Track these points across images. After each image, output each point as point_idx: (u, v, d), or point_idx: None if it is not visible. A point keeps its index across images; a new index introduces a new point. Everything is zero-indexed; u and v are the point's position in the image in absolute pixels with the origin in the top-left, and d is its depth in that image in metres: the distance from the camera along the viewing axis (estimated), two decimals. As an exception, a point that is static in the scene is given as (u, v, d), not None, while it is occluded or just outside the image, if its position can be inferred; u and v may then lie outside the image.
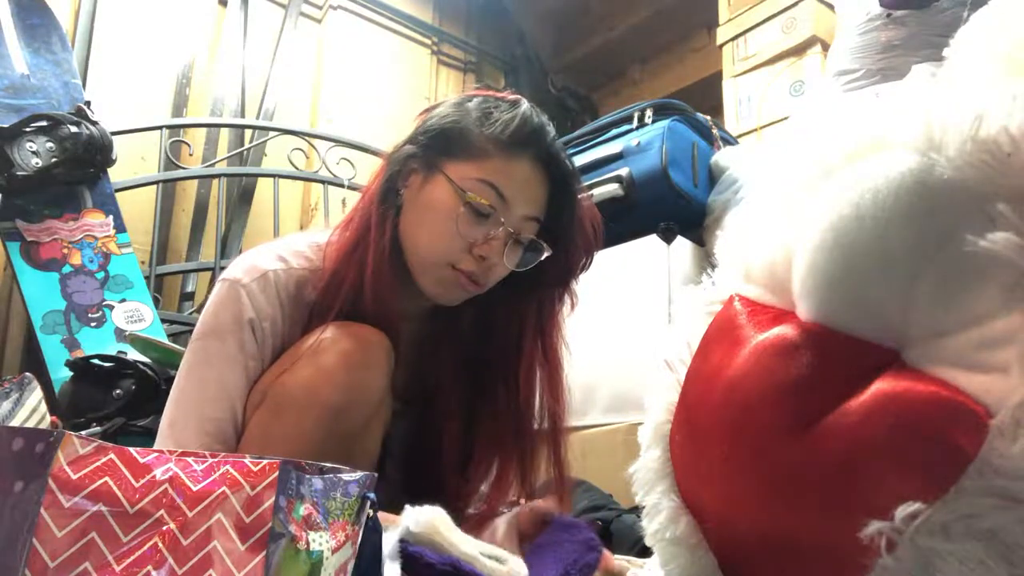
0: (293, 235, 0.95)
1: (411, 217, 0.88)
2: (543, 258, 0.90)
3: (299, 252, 0.89)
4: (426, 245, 0.86)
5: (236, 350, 0.82)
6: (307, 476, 0.54)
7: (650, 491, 0.69)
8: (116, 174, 1.97)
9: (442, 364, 0.95)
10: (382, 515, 0.63)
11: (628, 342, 1.65)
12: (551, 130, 0.90)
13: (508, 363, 0.94)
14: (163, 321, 1.87)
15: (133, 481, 0.49)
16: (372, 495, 0.62)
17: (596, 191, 1.82)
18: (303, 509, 0.52)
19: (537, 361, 0.95)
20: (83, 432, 1.23)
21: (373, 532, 0.62)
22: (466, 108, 0.88)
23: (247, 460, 0.52)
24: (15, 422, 1.21)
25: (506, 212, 0.85)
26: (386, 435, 0.89)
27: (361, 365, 0.80)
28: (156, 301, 2.01)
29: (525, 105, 0.89)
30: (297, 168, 2.44)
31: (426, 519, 0.69)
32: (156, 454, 0.51)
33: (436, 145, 0.88)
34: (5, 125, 1.72)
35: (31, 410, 1.26)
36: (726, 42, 2.36)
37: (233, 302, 0.83)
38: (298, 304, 0.86)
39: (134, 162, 2.26)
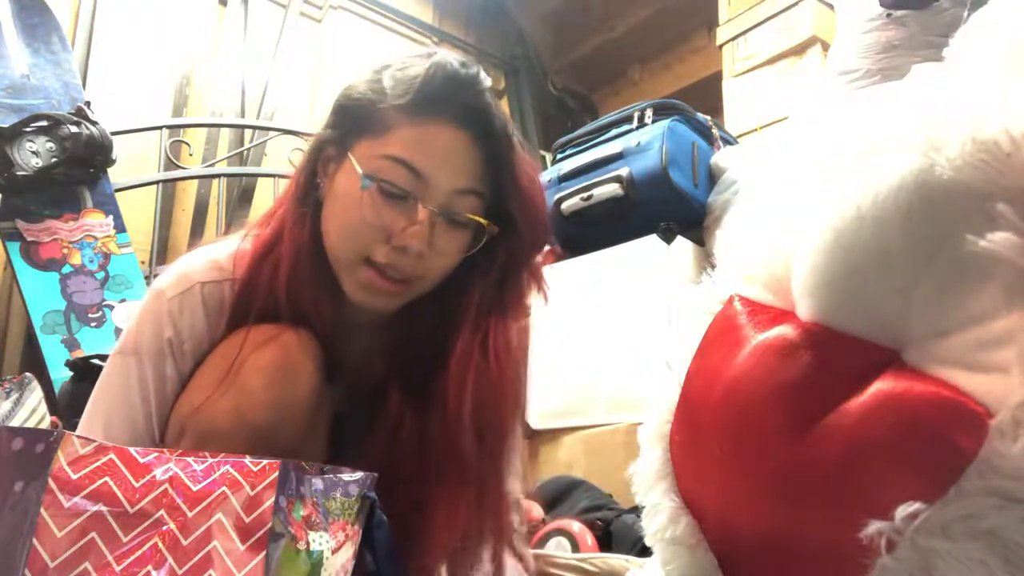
0: (239, 234, 0.82)
1: (326, 211, 0.76)
2: (487, 238, 0.76)
3: (238, 255, 0.79)
4: (337, 242, 0.74)
5: (154, 373, 0.73)
6: (307, 476, 0.54)
7: (650, 491, 0.69)
8: (116, 174, 1.97)
9: (385, 379, 0.81)
10: None
11: (628, 342, 1.65)
12: (474, 80, 0.74)
13: (444, 364, 0.77)
14: (163, 321, 1.87)
15: (133, 481, 0.49)
16: (373, 495, 0.62)
17: (596, 191, 1.82)
18: (303, 509, 0.52)
19: (473, 361, 0.76)
20: (83, 432, 1.23)
21: (380, 527, 0.62)
22: (379, 77, 0.75)
23: (247, 460, 0.52)
24: (15, 422, 1.21)
25: (425, 190, 0.71)
26: (337, 435, 0.81)
27: (284, 376, 0.71)
28: (156, 301, 2.01)
29: (437, 57, 0.74)
30: (297, 168, 2.44)
31: None
32: (156, 454, 0.51)
33: (346, 124, 0.76)
34: (5, 125, 1.72)
35: (31, 410, 1.26)
36: (726, 42, 2.36)
37: (155, 318, 0.75)
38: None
39: (134, 162, 2.26)
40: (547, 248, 0.86)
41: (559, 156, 2.06)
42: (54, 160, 1.76)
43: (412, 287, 0.75)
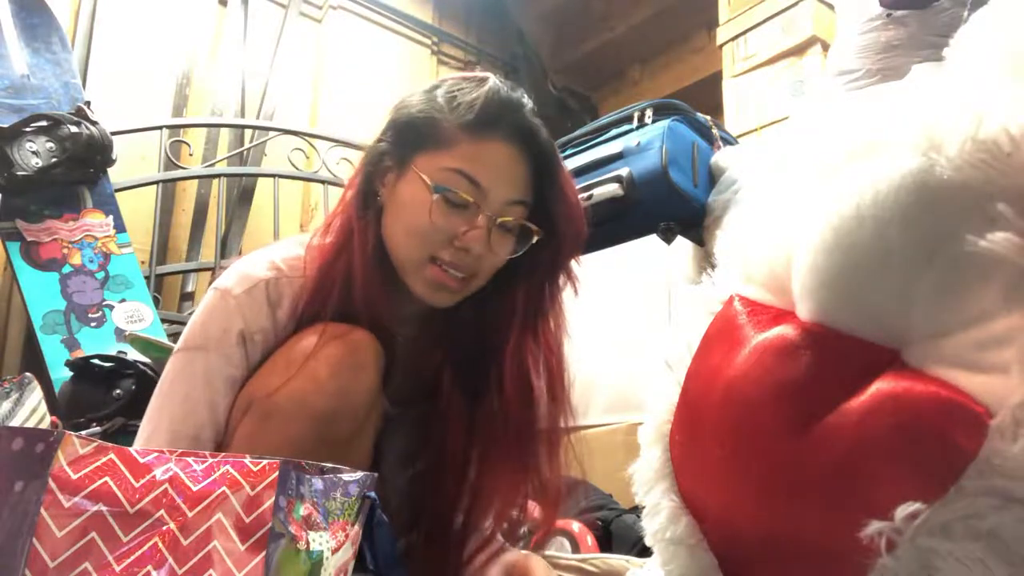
0: (291, 238, 0.92)
1: (390, 217, 0.85)
2: (534, 242, 0.85)
3: (294, 258, 0.86)
4: (404, 243, 0.84)
5: (222, 364, 0.80)
6: (307, 476, 0.54)
7: (650, 491, 0.69)
8: (116, 174, 1.97)
9: (438, 366, 0.91)
10: None
11: (628, 342, 1.65)
12: (524, 103, 0.85)
13: (498, 355, 0.88)
14: (163, 321, 1.88)
15: (133, 481, 0.49)
16: (373, 494, 0.62)
17: (596, 191, 1.82)
18: (303, 509, 0.52)
19: (528, 350, 0.88)
20: (83, 432, 1.23)
21: (380, 527, 0.62)
22: (434, 95, 0.85)
23: (247, 460, 0.52)
24: (15, 422, 1.21)
25: (483, 199, 0.81)
26: (380, 439, 0.87)
27: (349, 369, 0.78)
28: (156, 301, 2.01)
29: (491, 82, 0.84)
30: (297, 168, 2.44)
31: None
32: (156, 454, 0.52)
33: (406, 139, 0.85)
34: (5, 125, 1.71)
35: (31, 410, 1.26)
36: (726, 42, 2.36)
37: (222, 313, 0.81)
38: (292, 313, 0.84)
39: (134, 162, 2.26)
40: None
41: (559, 156, 2.06)
42: (54, 160, 1.76)
43: (470, 284, 0.85)
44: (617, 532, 1.22)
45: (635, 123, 1.88)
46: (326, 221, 0.89)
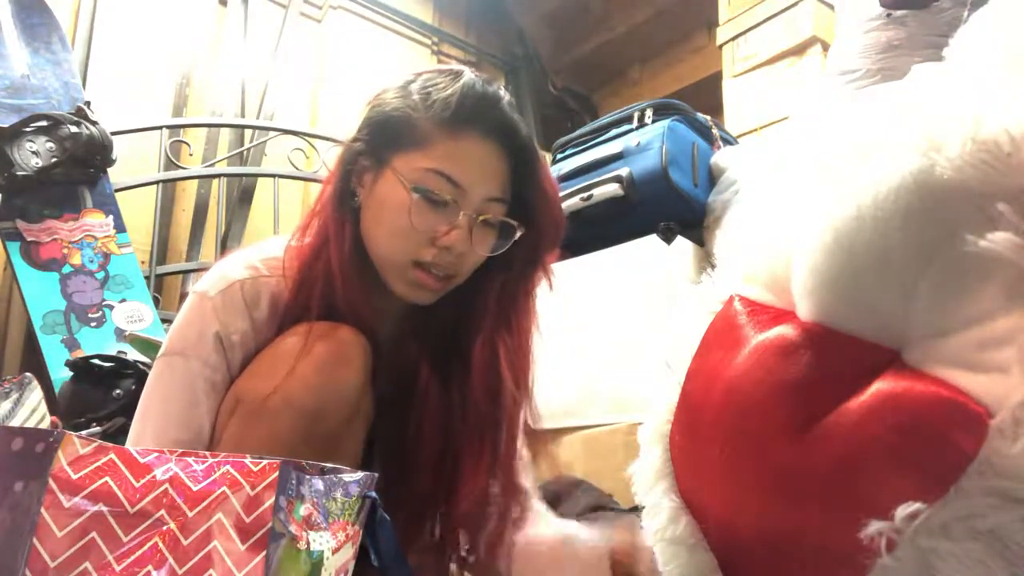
0: (273, 239, 0.91)
1: (368, 218, 0.84)
2: (516, 238, 0.85)
3: (272, 258, 0.86)
4: (386, 245, 0.83)
5: (202, 369, 0.79)
6: (308, 476, 0.54)
7: (650, 491, 0.69)
8: (116, 174, 1.97)
9: (416, 360, 0.91)
10: None
11: (628, 342, 1.65)
12: (500, 96, 0.83)
13: (471, 348, 0.89)
14: (163, 321, 1.87)
15: (133, 481, 0.49)
16: (374, 494, 0.62)
17: (596, 191, 1.82)
18: (303, 509, 0.52)
19: (501, 343, 0.88)
20: (83, 432, 1.23)
21: (383, 525, 0.62)
22: (408, 92, 0.83)
23: (247, 460, 0.52)
24: (15, 422, 1.21)
25: (463, 198, 0.80)
26: (372, 435, 0.87)
27: (334, 365, 0.78)
28: (156, 301, 2.01)
29: (467, 76, 0.83)
30: (297, 168, 2.44)
31: None
32: (156, 454, 0.52)
33: (381, 138, 0.83)
34: (5, 125, 1.72)
35: (31, 410, 1.26)
36: (726, 42, 2.36)
37: (199, 317, 0.81)
38: (272, 312, 0.84)
39: (134, 162, 2.26)
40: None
41: (559, 156, 2.06)
42: (54, 160, 1.76)
43: (450, 282, 0.85)
44: (617, 532, 1.22)
45: (635, 123, 1.88)
46: (304, 221, 0.88)
